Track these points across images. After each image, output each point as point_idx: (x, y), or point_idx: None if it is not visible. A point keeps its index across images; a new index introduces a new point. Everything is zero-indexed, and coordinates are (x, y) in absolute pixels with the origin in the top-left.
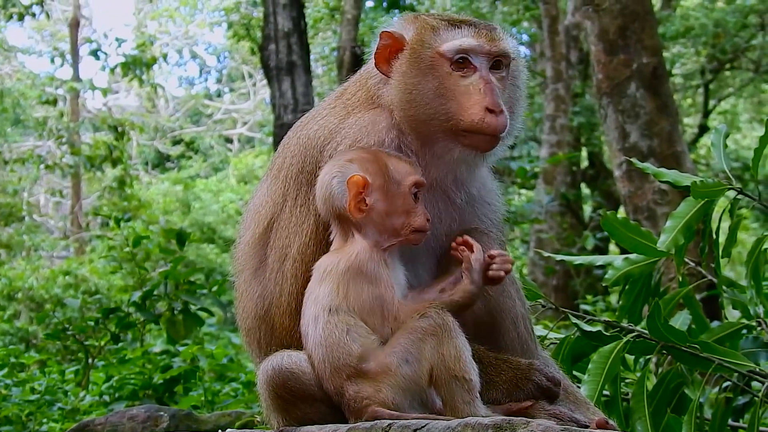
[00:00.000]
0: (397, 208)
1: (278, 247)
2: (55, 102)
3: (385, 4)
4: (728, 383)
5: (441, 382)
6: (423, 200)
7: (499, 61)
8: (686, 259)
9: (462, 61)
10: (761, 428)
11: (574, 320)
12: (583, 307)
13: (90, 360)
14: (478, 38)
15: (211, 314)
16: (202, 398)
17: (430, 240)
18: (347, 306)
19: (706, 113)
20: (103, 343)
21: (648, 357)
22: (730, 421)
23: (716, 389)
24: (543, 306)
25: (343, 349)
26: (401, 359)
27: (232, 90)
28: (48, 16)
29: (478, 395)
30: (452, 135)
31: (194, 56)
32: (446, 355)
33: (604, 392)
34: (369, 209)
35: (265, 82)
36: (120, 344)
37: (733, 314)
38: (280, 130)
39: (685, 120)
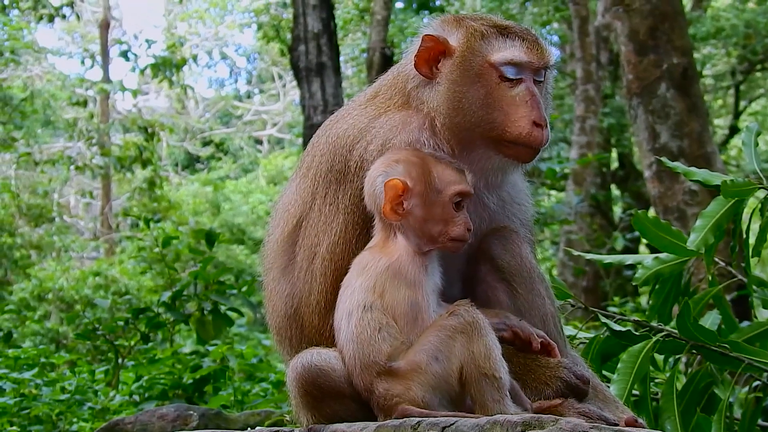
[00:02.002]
0: (434, 215)
1: (307, 245)
2: (85, 103)
3: (414, 6)
4: (758, 383)
5: (471, 380)
6: (467, 209)
7: (541, 72)
8: (716, 259)
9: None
10: None
11: (604, 320)
12: (611, 308)
13: (120, 360)
14: (529, 53)
15: (241, 314)
16: (232, 398)
17: None
18: (382, 305)
19: (737, 114)
20: (132, 343)
21: (677, 356)
22: (760, 421)
23: (746, 389)
24: (572, 306)
25: (373, 346)
26: (431, 357)
27: (261, 91)
28: (78, 17)
29: (507, 393)
30: (494, 144)
31: (224, 57)
32: (476, 353)
33: (634, 392)
34: (406, 213)
35: (294, 83)
36: (150, 344)
37: (763, 314)
38: (309, 131)
39: (716, 121)
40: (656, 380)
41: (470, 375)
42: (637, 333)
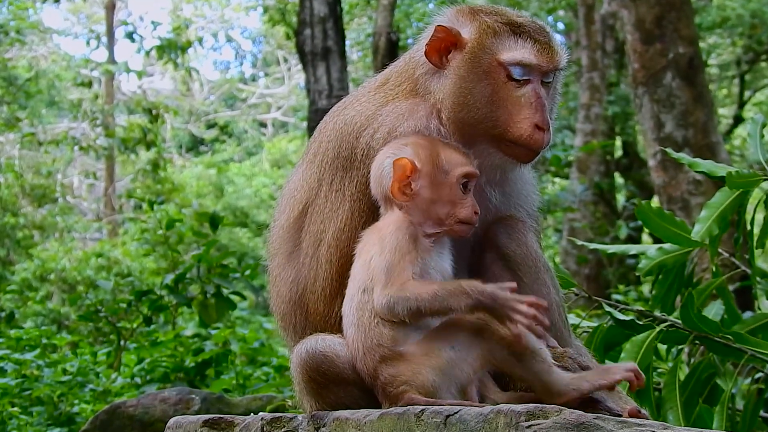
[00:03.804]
0: (442, 197)
1: (313, 232)
2: (90, 84)
3: None
4: (761, 374)
5: (507, 364)
6: (473, 192)
7: (549, 74)
8: (720, 250)
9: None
10: None
11: (608, 309)
12: (614, 296)
13: (122, 342)
14: (539, 55)
15: (244, 298)
16: (234, 382)
17: None
18: None
19: (742, 104)
20: (135, 325)
21: (680, 347)
22: (762, 413)
23: (748, 380)
24: (576, 294)
25: (374, 330)
26: (447, 344)
27: (266, 74)
28: None
29: (552, 363)
30: (495, 142)
31: (229, 40)
32: (506, 336)
33: None
34: (413, 194)
35: (300, 67)
36: (152, 327)
37: (766, 305)
38: (314, 116)
39: (720, 111)
40: (659, 370)
41: (505, 360)
42: (640, 323)
